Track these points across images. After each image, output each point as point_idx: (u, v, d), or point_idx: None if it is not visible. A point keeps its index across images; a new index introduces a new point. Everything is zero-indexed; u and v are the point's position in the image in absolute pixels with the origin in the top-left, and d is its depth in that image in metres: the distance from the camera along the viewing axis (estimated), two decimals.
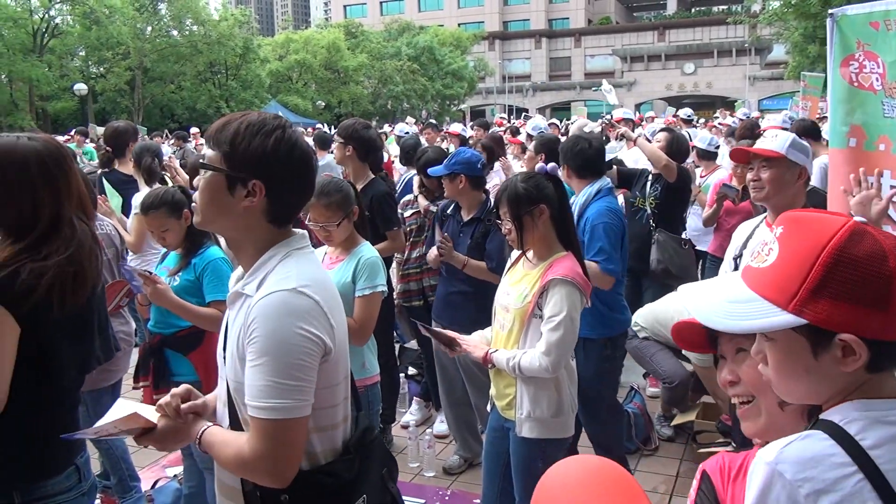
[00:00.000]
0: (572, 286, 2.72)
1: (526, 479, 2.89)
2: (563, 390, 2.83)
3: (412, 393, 5.32)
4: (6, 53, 34.67)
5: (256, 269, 1.64)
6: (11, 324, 1.83)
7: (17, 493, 1.91)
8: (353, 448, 1.73)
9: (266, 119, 1.63)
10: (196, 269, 3.21)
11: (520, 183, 2.85)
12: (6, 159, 1.93)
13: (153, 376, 3.21)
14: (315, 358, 1.57)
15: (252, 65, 42.55)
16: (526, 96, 61.41)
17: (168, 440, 1.72)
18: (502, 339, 2.89)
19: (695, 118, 13.21)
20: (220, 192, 1.61)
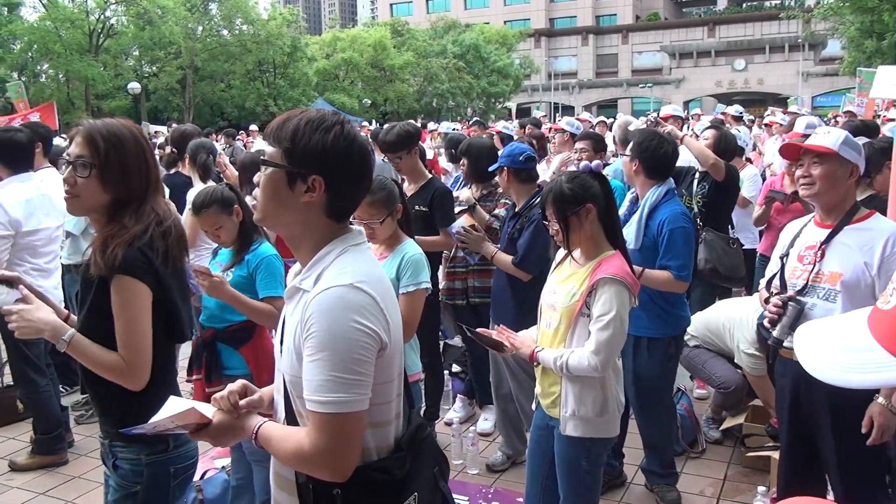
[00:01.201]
0: (621, 285, 2.71)
1: (570, 478, 2.88)
2: (609, 390, 2.81)
3: (456, 390, 5.34)
4: (64, 53, 35.73)
5: (314, 265, 1.65)
6: (146, 292, 2.10)
7: (171, 439, 2.20)
8: (406, 445, 1.74)
9: (325, 115, 1.66)
10: (249, 265, 3.27)
11: (565, 183, 2.83)
12: (122, 135, 2.15)
13: (205, 370, 3.28)
14: (372, 352, 1.58)
15: (300, 63, 43.05)
16: (572, 94, 60.91)
17: (223, 436, 1.74)
18: (548, 338, 2.88)
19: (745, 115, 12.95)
20: (281, 188, 1.63)
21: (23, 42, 37.94)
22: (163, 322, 2.20)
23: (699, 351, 4.56)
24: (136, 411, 2.11)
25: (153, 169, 2.24)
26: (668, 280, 3.55)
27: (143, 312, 2.10)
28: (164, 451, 2.21)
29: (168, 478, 2.23)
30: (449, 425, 4.81)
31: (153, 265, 2.12)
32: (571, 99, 59.70)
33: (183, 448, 2.26)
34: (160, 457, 2.21)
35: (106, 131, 2.14)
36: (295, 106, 40.91)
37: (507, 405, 4.32)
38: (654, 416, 3.85)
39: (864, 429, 2.71)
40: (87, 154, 2.11)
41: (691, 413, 4.61)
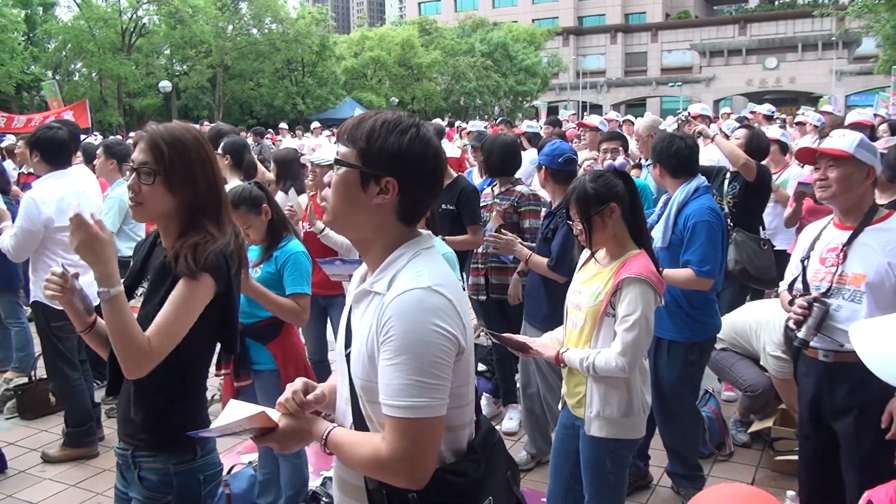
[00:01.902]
0: (646, 285, 2.69)
1: (594, 478, 2.87)
2: (635, 390, 2.79)
3: (482, 389, 5.33)
4: (97, 52, 36.28)
5: (385, 268, 1.63)
6: (210, 294, 2.10)
7: (198, 447, 2.19)
8: (479, 448, 1.71)
9: (401, 117, 1.64)
10: (277, 261, 3.30)
11: (588, 182, 2.81)
12: (185, 140, 2.14)
13: (234, 365, 3.32)
14: (451, 356, 1.55)
15: (328, 62, 43.26)
16: (600, 92, 60.51)
17: (289, 440, 1.72)
18: (574, 338, 2.88)
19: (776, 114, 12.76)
20: (354, 189, 1.62)
21: (57, 41, 38.61)
22: (217, 329, 2.20)
23: (726, 353, 4.51)
24: (179, 415, 2.13)
25: (219, 173, 2.24)
26: (689, 277, 3.51)
27: (195, 311, 2.08)
28: (192, 459, 2.18)
29: (199, 485, 2.21)
30: None
31: (230, 275, 2.13)
32: (600, 98, 59.30)
33: (210, 455, 2.24)
34: (189, 465, 2.18)
35: (169, 137, 2.12)
36: (323, 104, 41.18)
37: (534, 405, 4.31)
38: (673, 420, 3.81)
39: (884, 424, 2.70)
40: (150, 161, 2.09)
41: (719, 416, 4.56)
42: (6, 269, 5.88)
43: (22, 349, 5.95)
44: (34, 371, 5.50)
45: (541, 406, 4.27)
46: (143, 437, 2.16)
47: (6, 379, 5.69)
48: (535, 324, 3.93)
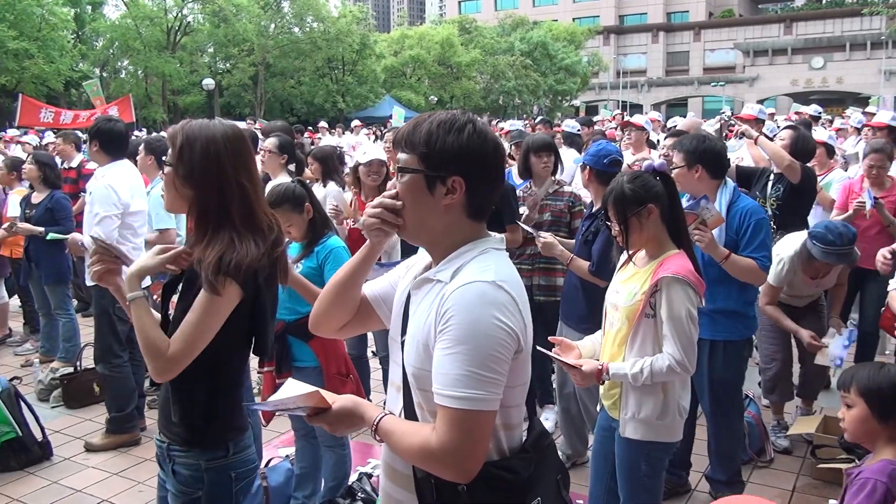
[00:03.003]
0: (686, 284, 2.65)
1: (629, 480, 2.85)
2: (671, 393, 2.76)
3: None
4: (143, 50, 37.04)
5: (451, 259, 1.64)
6: (235, 300, 2.08)
7: (231, 444, 2.21)
8: (531, 448, 1.70)
9: (455, 116, 1.64)
10: (318, 256, 3.34)
11: (626, 183, 2.78)
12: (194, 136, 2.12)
13: (276, 361, 3.36)
14: (509, 352, 1.54)
15: (368, 60, 43.53)
16: (640, 92, 59.88)
17: (340, 423, 1.70)
18: (610, 339, 2.85)
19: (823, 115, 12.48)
20: (421, 194, 1.62)
21: (105, 39, 39.50)
22: (246, 334, 2.21)
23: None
24: (218, 416, 2.16)
25: (249, 172, 2.19)
26: (753, 268, 3.47)
27: (217, 320, 2.08)
28: (223, 456, 2.19)
29: (230, 482, 2.21)
30: None
31: (257, 279, 2.12)
32: (640, 97, 58.68)
33: (243, 453, 2.25)
34: (220, 462, 2.19)
35: (188, 130, 2.14)
36: (362, 102, 41.43)
37: (570, 405, 4.28)
38: (726, 422, 3.76)
39: None
40: (170, 152, 2.15)
41: (759, 421, 4.48)
42: (57, 261, 6.04)
43: (69, 340, 6.11)
44: (79, 361, 5.63)
45: (577, 407, 4.24)
46: (177, 432, 2.19)
47: (53, 368, 5.84)
48: (572, 324, 3.92)
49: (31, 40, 31.04)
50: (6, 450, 4.46)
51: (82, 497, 4.17)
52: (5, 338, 7.13)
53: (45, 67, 31.32)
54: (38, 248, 6.01)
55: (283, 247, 2.26)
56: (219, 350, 2.11)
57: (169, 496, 2.25)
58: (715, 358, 3.64)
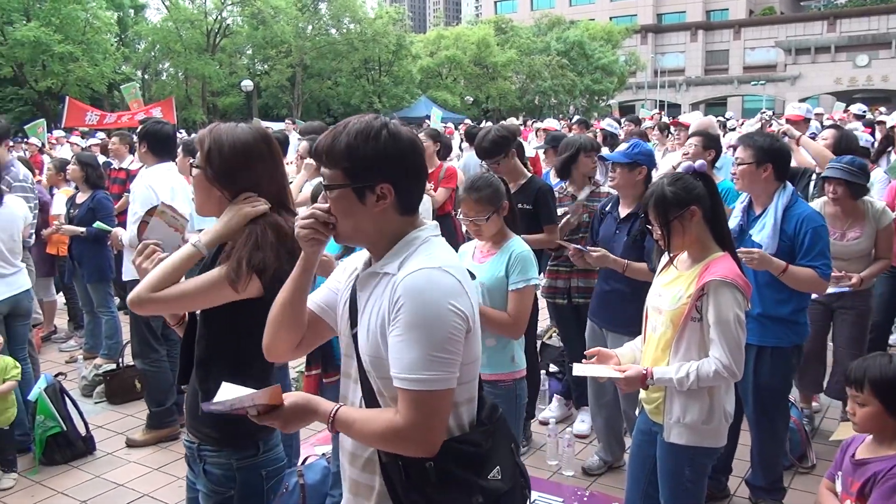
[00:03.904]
0: (734, 288, 2.61)
1: (672, 486, 2.81)
2: (717, 398, 2.72)
3: (552, 390, 5.30)
4: (183, 52, 37.65)
5: (396, 253, 1.70)
6: (251, 291, 2.11)
7: (261, 443, 2.25)
8: (487, 421, 1.79)
9: (369, 122, 1.67)
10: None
11: (667, 186, 2.74)
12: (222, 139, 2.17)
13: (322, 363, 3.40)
14: (462, 333, 1.62)
15: (404, 61, 43.67)
16: (679, 91, 59.14)
17: (294, 419, 1.73)
18: (654, 343, 2.81)
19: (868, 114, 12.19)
20: (353, 205, 1.68)
21: (147, 42, 40.24)
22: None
23: None
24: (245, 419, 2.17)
25: (276, 174, 2.24)
26: (813, 278, 3.41)
27: (217, 295, 2.11)
28: (253, 455, 2.22)
29: (261, 481, 2.25)
30: (545, 425, 4.78)
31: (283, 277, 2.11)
32: (678, 97, 57.97)
33: (272, 451, 2.28)
34: (251, 461, 2.22)
35: (213, 132, 2.19)
36: (399, 103, 41.60)
37: (608, 409, 4.24)
38: (771, 428, 3.70)
39: None
40: (198, 155, 2.20)
41: (801, 426, 4.40)
42: (99, 260, 6.17)
43: (111, 337, 6.23)
44: (122, 358, 5.74)
45: (615, 410, 4.21)
46: (207, 432, 2.22)
47: (96, 365, 5.96)
48: (618, 329, 3.85)
49: (76, 44, 31.74)
50: (51, 444, 4.56)
51: (124, 491, 4.25)
52: (50, 334, 7.31)
53: (89, 70, 31.99)
54: (81, 247, 6.15)
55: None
56: (246, 350, 2.13)
57: (200, 496, 2.28)
58: (762, 364, 3.57)
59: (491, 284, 3.20)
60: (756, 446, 3.78)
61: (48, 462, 4.55)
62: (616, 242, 3.95)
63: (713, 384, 2.65)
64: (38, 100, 33.62)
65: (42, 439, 4.54)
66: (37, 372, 5.10)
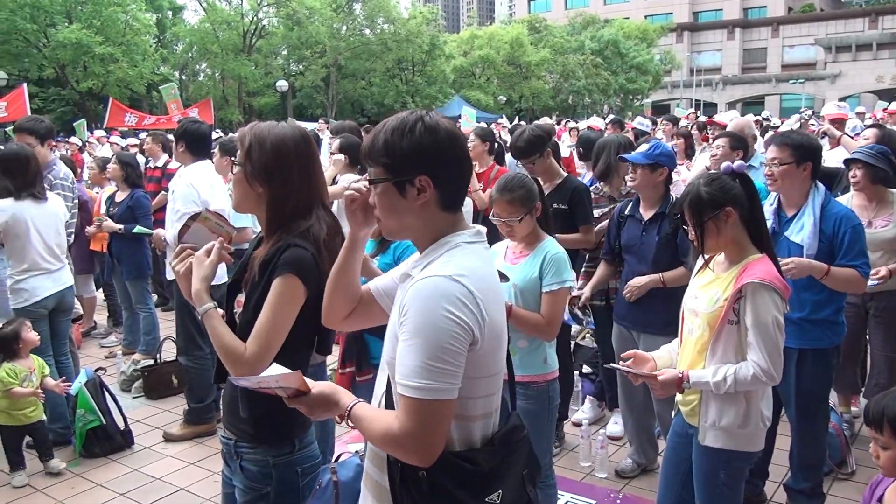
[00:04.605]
0: (772, 290, 2.57)
1: (707, 490, 2.78)
2: (753, 401, 2.68)
3: (585, 391, 5.27)
4: (220, 53, 38.18)
5: (426, 255, 1.73)
6: (302, 296, 2.15)
7: (296, 441, 2.26)
8: (498, 441, 1.75)
9: (404, 118, 1.71)
10: (394, 252, 3.38)
11: (702, 186, 2.70)
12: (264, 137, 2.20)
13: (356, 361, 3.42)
14: (463, 343, 1.60)
15: (437, 61, 43.74)
16: (715, 90, 58.38)
17: (318, 406, 1.76)
18: (690, 346, 2.77)
19: None
20: (395, 200, 1.71)
21: (184, 43, 40.88)
22: (310, 332, 2.24)
23: None
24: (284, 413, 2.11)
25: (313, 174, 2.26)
26: (855, 278, 3.35)
27: (291, 313, 2.14)
28: (289, 452, 2.24)
29: (297, 478, 2.26)
30: (577, 426, 4.76)
31: (321, 275, 2.15)
32: (714, 96, 57.21)
33: (308, 448, 2.29)
34: (287, 458, 2.24)
35: (254, 130, 2.22)
36: (432, 103, 41.66)
37: (639, 411, 4.21)
38: (812, 431, 3.64)
39: None
40: (239, 153, 2.23)
41: (840, 432, 4.31)
42: (137, 257, 6.29)
43: (149, 333, 6.35)
44: (159, 354, 5.85)
45: (648, 415, 4.17)
46: (244, 429, 2.23)
47: (134, 360, 6.08)
48: (654, 331, 3.81)
49: (116, 45, 32.37)
50: (91, 437, 4.66)
51: (161, 485, 4.33)
52: (90, 330, 7.46)
53: (128, 71, 32.61)
54: (120, 245, 6.27)
55: (339, 245, 2.26)
56: (284, 349, 2.15)
57: (236, 492, 2.30)
58: (803, 367, 3.51)
59: (524, 286, 3.19)
60: (797, 449, 3.71)
61: (88, 455, 4.65)
62: (645, 244, 3.92)
63: (751, 388, 2.61)
64: (79, 100, 34.35)
65: (82, 432, 4.64)
66: (77, 366, 5.22)
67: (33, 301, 4.66)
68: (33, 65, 32.37)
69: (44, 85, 34.11)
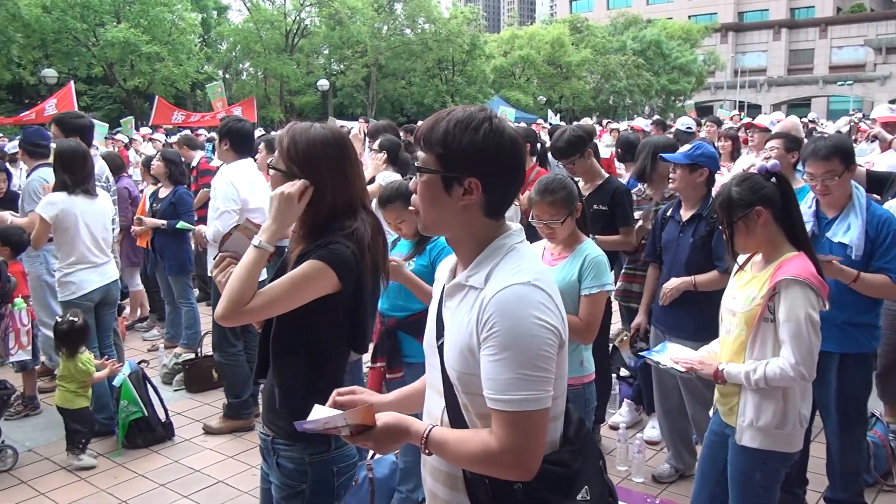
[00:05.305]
0: (806, 286, 2.54)
1: (742, 490, 2.76)
2: (791, 402, 2.65)
3: (623, 394, 5.22)
4: (263, 53, 38.66)
5: (480, 263, 1.65)
6: (329, 286, 2.12)
7: (332, 440, 2.23)
8: (574, 438, 1.73)
9: (473, 114, 1.62)
10: (430, 254, 3.38)
11: (734, 187, 2.71)
12: (298, 137, 2.21)
13: (388, 357, 3.44)
14: (555, 349, 1.56)
15: (477, 61, 43.74)
16: (759, 92, 57.37)
17: (387, 439, 1.67)
18: (728, 345, 2.77)
19: None
20: (439, 194, 1.63)
21: (228, 42, 41.48)
22: (348, 331, 2.24)
23: None
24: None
25: (353, 174, 2.26)
26: (886, 284, 3.27)
27: (306, 290, 2.11)
28: (325, 451, 2.23)
29: (332, 476, 2.26)
30: (614, 429, 4.71)
31: (361, 275, 2.16)
32: (759, 97, 56.22)
33: (344, 448, 2.28)
34: (323, 456, 2.23)
35: (292, 130, 2.24)
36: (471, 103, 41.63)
37: (673, 415, 4.16)
38: (851, 437, 3.56)
39: None
40: (277, 154, 2.25)
41: (886, 441, 4.20)
42: (179, 253, 6.40)
43: (191, 327, 6.45)
44: (200, 348, 5.94)
45: (683, 419, 4.11)
46: (281, 426, 2.24)
47: (176, 354, 6.18)
48: (685, 335, 3.76)
49: (162, 44, 33.01)
50: (133, 428, 4.76)
51: (200, 477, 4.40)
52: (135, 322, 7.61)
53: (174, 70, 33.22)
54: (163, 241, 6.39)
55: (381, 246, 2.28)
56: (321, 346, 2.18)
57: (273, 488, 2.32)
58: (845, 372, 3.43)
59: (562, 288, 3.14)
60: (837, 457, 3.63)
61: (130, 445, 4.74)
62: (680, 246, 3.88)
63: (780, 385, 2.59)
64: (125, 98, 35.08)
65: (125, 423, 4.74)
66: (121, 359, 5.32)
67: (80, 294, 4.78)
68: (82, 63, 33.16)
69: (92, 83, 34.94)
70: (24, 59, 30.99)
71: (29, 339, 4.90)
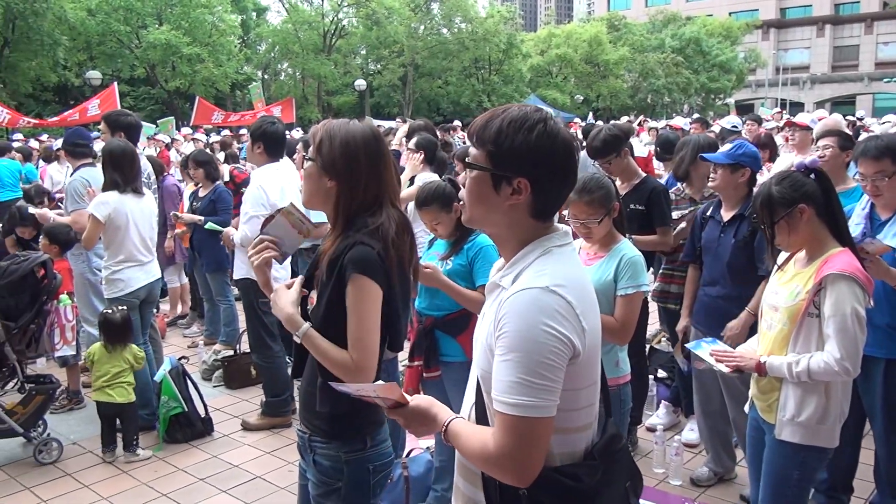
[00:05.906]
0: (853, 281, 2.51)
1: (776, 486, 2.74)
2: (833, 397, 2.63)
3: (660, 396, 5.16)
4: (301, 53, 39.04)
5: (514, 263, 1.64)
6: (379, 292, 2.17)
7: (368, 438, 2.27)
8: (598, 454, 1.68)
9: (528, 113, 1.61)
10: (468, 254, 3.39)
11: (773, 185, 2.69)
12: (334, 133, 2.23)
13: (425, 356, 3.45)
14: (563, 358, 1.52)
15: (514, 60, 43.59)
16: (802, 89, 56.25)
17: (416, 421, 1.72)
18: (769, 340, 2.74)
19: None
20: (487, 191, 1.62)
21: (267, 43, 41.95)
22: (384, 329, 2.24)
23: None
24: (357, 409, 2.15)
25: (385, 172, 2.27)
26: None
27: (375, 312, 2.15)
28: (361, 449, 2.25)
29: (368, 475, 2.27)
30: (651, 431, 4.66)
31: (388, 272, 2.17)
32: (801, 95, 55.13)
33: (380, 446, 2.30)
34: (359, 454, 2.25)
35: (326, 126, 2.26)
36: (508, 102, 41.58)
37: (714, 418, 4.10)
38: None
39: None
40: (312, 148, 2.28)
41: None
42: (217, 251, 6.50)
43: (229, 324, 6.55)
44: (239, 345, 6.02)
45: (723, 422, 4.05)
46: (318, 424, 2.27)
47: (215, 350, 6.28)
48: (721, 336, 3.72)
49: (203, 46, 33.53)
50: (174, 423, 4.84)
51: (238, 472, 4.46)
52: (176, 319, 7.74)
53: (214, 71, 33.71)
54: (201, 239, 6.49)
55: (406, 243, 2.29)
56: None
57: (310, 485, 2.34)
58: (892, 378, 3.33)
59: (598, 288, 3.12)
60: (885, 465, 3.54)
61: (170, 440, 4.83)
62: (722, 247, 3.81)
63: (824, 379, 2.56)
64: (167, 98, 35.71)
65: (166, 418, 4.82)
66: (158, 354, 5.41)
67: (128, 291, 4.89)
68: (125, 65, 33.86)
69: (135, 84, 35.67)
70: (70, 62, 31.75)
71: (73, 334, 5.03)
